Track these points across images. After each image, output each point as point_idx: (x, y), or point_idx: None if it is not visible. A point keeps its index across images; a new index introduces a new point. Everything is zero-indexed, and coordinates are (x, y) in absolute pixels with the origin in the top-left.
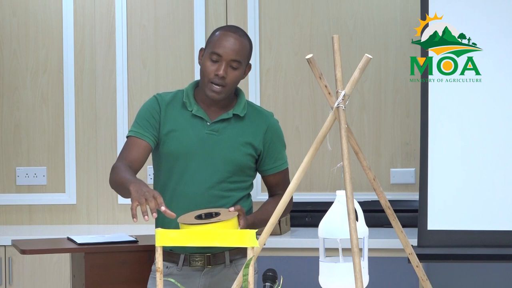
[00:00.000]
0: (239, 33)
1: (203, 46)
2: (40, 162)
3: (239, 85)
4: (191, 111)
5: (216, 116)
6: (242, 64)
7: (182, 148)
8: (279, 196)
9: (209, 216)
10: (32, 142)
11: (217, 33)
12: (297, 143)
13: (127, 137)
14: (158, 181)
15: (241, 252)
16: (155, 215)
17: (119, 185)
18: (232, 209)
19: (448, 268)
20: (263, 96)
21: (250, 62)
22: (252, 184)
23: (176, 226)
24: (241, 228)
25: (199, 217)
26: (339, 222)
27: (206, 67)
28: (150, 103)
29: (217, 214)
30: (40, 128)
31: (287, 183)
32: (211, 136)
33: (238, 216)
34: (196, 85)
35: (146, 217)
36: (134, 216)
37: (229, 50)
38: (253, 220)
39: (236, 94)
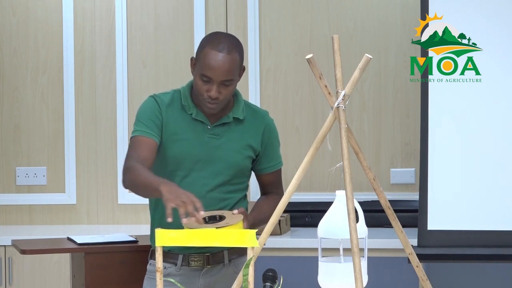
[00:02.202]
0: (227, 48)
1: (194, 55)
2: (40, 162)
3: (238, 85)
4: (191, 114)
5: (216, 119)
6: (234, 79)
7: (184, 152)
8: (273, 194)
9: (213, 219)
10: (32, 142)
11: (206, 48)
12: (297, 143)
13: (132, 137)
14: None
15: (239, 251)
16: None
17: (143, 185)
18: (236, 211)
19: (448, 268)
20: (263, 96)
21: (249, 61)
22: (248, 184)
23: (174, 227)
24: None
25: (203, 220)
26: (338, 222)
27: (198, 85)
28: (149, 103)
29: (221, 217)
30: (40, 128)
31: (280, 182)
32: (212, 140)
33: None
34: (192, 86)
35: (185, 220)
36: (169, 216)
37: (218, 73)
38: (253, 220)
39: (233, 94)
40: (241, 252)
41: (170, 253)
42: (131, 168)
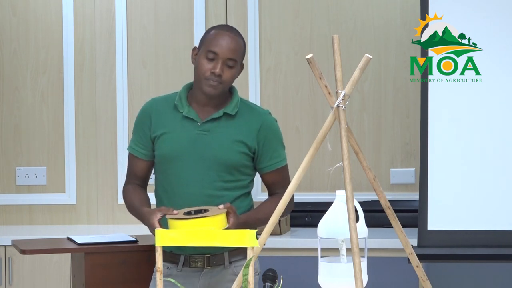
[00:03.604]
0: (234, 32)
1: (196, 45)
2: (40, 162)
3: (238, 85)
4: (182, 112)
5: (207, 116)
6: (237, 63)
7: (174, 149)
8: (277, 195)
9: (198, 213)
10: (32, 142)
11: (212, 31)
12: (297, 143)
13: (128, 151)
14: (158, 182)
15: (240, 253)
16: None
17: (136, 215)
18: (221, 206)
19: (448, 268)
20: (263, 96)
21: (249, 61)
22: (251, 182)
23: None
24: (230, 226)
25: (188, 213)
26: (338, 222)
27: (201, 65)
28: (140, 114)
29: (206, 211)
30: (40, 128)
31: (286, 181)
32: (202, 136)
33: (228, 213)
34: (190, 87)
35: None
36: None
37: (225, 48)
38: (246, 219)
39: (230, 92)
40: (243, 254)
41: (172, 254)
42: (124, 191)
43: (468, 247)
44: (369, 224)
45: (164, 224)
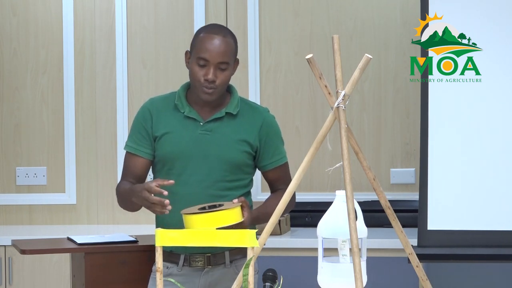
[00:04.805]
0: (223, 32)
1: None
2: (40, 162)
3: (238, 85)
4: (183, 112)
5: (209, 115)
6: (230, 64)
7: (176, 150)
8: (281, 191)
9: (212, 208)
10: (32, 142)
11: (201, 35)
12: (297, 143)
13: (125, 151)
14: None
15: (241, 252)
16: (168, 207)
17: (128, 195)
18: (235, 200)
19: (448, 268)
20: (263, 96)
21: (249, 61)
22: (251, 181)
23: (176, 226)
24: (245, 219)
25: (203, 209)
26: (338, 222)
27: (194, 72)
28: (141, 113)
29: (220, 205)
30: (40, 128)
31: (287, 177)
32: (204, 136)
33: (242, 207)
34: (188, 86)
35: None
36: (162, 212)
37: (214, 53)
38: (257, 214)
39: (229, 91)
40: (244, 253)
41: (172, 253)
42: (117, 191)
43: (468, 247)
44: (369, 224)
45: (172, 223)
